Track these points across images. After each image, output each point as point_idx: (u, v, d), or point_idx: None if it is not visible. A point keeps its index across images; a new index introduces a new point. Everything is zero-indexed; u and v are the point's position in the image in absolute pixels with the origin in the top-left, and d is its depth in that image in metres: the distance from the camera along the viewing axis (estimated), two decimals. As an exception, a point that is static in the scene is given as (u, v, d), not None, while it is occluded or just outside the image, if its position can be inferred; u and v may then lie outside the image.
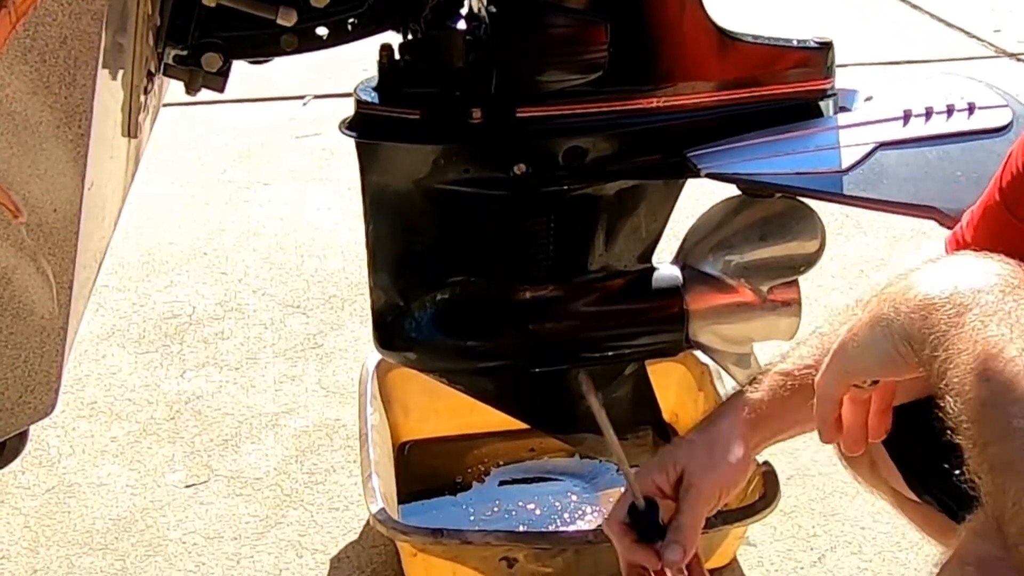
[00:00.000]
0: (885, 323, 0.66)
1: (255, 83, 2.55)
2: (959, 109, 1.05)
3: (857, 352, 0.69)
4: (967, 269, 0.64)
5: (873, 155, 1.03)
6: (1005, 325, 0.59)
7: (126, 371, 1.72)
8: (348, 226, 2.13)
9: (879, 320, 0.67)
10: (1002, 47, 3.18)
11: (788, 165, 1.03)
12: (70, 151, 0.78)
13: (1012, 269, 0.64)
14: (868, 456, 0.99)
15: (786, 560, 1.36)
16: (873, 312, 0.68)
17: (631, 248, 1.13)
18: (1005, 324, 0.59)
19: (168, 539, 1.39)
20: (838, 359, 0.72)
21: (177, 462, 1.53)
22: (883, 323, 0.66)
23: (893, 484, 0.98)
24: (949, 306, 0.62)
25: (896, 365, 0.67)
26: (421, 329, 1.12)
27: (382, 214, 1.11)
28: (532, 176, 1.04)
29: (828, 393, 0.74)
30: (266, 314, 1.88)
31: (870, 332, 0.68)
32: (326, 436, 1.58)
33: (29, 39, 0.73)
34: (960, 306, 0.61)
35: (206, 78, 0.97)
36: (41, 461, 1.52)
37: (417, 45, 1.04)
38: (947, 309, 0.62)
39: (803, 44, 1.07)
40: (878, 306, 0.68)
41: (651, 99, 1.03)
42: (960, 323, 0.61)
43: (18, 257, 0.80)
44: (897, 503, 1.02)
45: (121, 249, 2.02)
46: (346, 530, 1.41)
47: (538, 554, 1.24)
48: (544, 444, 1.49)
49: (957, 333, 0.60)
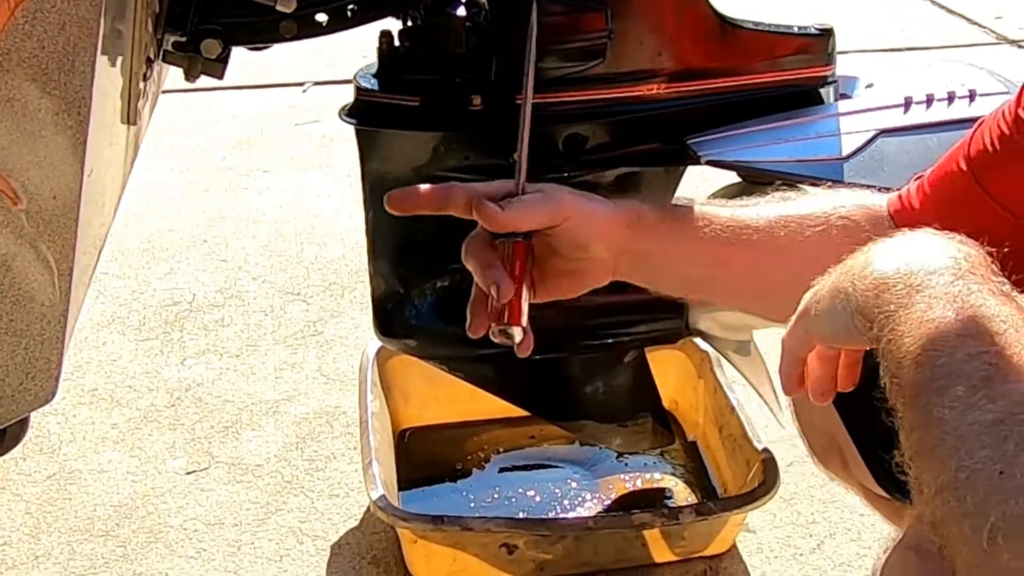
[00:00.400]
0: (844, 296, 0.66)
1: (254, 70, 2.55)
2: (960, 96, 1.05)
3: (818, 319, 0.69)
4: (924, 249, 0.64)
5: (874, 142, 1.03)
6: (950, 310, 0.58)
7: (126, 358, 1.72)
8: (348, 213, 2.13)
9: (838, 292, 0.67)
10: (1003, 34, 3.17)
11: (788, 152, 1.03)
12: (69, 138, 0.78)
13: (968, 251, 0.63)
14: (839, 454, 0.99)
15: (785, 546, 1.37)
16: (835, 283, 0.68)
17: (631, 235, 1.13)
18: (950, 309, 0.59)
19: (169, 525, 1.39)
20: (800, 321, 0.72)
21: (178, 449, 1.53)
22: (842, 296, 0.66)
23: (863, 481, 0.98)
24: (900, 286, 0.62)
25: (852, 338, 0.67)
26: (421, 316, 1.12)
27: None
28: (532, 163, 1.04)
29: (793, 350, 0.74)
30: (266, 301, 1.88)
31: (830, 302, 0.68)
32: (326, 423, 1.58)
33: (28, 25, 0.72)
34: (910, 287, 0.61)
35: (205, 65, 0.97)
36: (42, 448, 1.52)
37: (417, 32, 1.04)
38: (898, 288, 0.62)
39: (804, 31, 1.07)
40: (839, 278, 0.68)
41: (651, 86, 1.03)
42: (908, 304, 0.60)
43: (18, 244, 0.80)
44: (868, 499, 1.02)
45: (121, 236, 2.02)
46: (346, 517, 1.41)
47: (538, 540, 1.24)
48: (544, 431, 1.49)
49: (904, 314, 0.60)
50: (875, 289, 0.63)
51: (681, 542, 1.29)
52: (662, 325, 1.15)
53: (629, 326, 1.16)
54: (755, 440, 1.31)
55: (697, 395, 1.49)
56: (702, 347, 1.46)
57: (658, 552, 1.30)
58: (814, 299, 0.70)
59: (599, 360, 1.20)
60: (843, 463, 0.99)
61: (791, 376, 0.75)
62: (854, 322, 0.65)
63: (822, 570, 1.33)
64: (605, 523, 1.28)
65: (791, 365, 0.75)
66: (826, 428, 0.98)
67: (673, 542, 1.29)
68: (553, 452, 1.49)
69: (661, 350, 1.35)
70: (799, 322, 0.72)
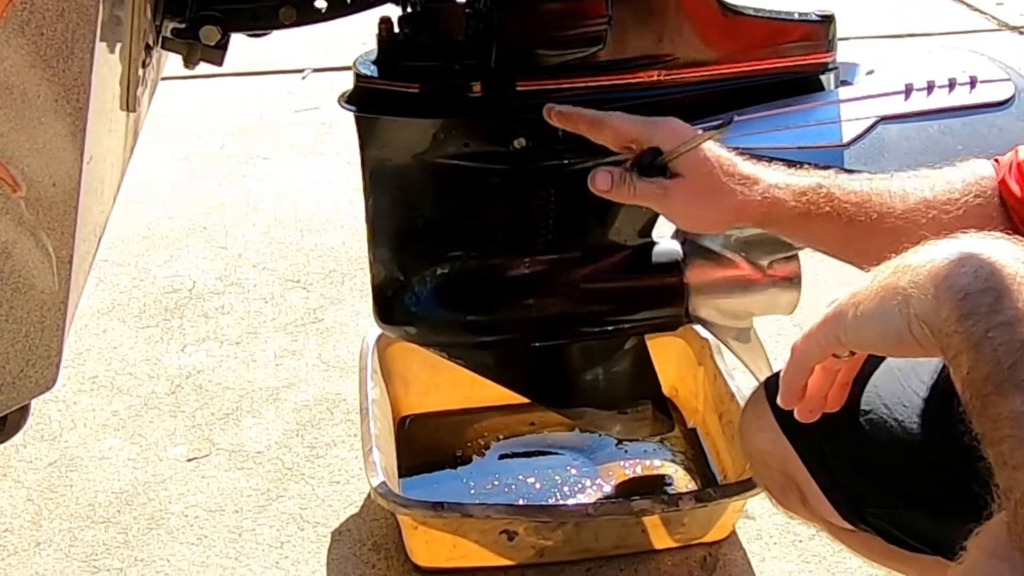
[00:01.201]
0: (901, 298, 0.62)
1: (254, 57, 2.54)
2: (961, 83, 1.05)
3: (858, 322, 0.65)
4: (998, 250, 0.60)
5: (874, 129, 1.03)
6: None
7: (127, 346, 1.73)
8: (348, 200, 2.13)
9: (894, 293, 0.62)
10: (1004, 20, 3.16)
11: (789, 139, 1.02)
12: (68, 125, 0.78)
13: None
14: (798, 493, 0.96)
15: (784, 533, 1.37)
16: (887, 283, 0.63)
17: (631, 222, 1.13)
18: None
19: (170, 512, 1.40)
20: (831, 324, 0.67)
21: (178, 436, 1.53)
22: (898, 297, 0.62)
23: (826, 516, 0.95)
24: (984, 296, 0.58)
25: (902, 344, 0.62)
26: (421, 303, 1.12)
27: (382, 188, 1.11)
28: (532, 150, 1.03)
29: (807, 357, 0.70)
30: (266, 289, 1.88)
31: (879, 304, 0.63)
32: (327, 410, 1.59)
33: (26, 12, 0.72)
34: (993, 291, 0.57)
35: (204, 51, 0.97)
36: (43, 435, 1.53)
37: (417, 18, 1.04)
38: (983, 298, 0.58)
39: (804, 17, 1.06)
40: (894, 277, 0.63)
41: (652, 73, 1.03)
42: (999, 308, 0.57)
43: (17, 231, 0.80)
44: (833, 534, 0.99)
45: (121, 224, 2.02)
46: (347, 503, 1.41)
47: (538, 527, 1.24)
48: (544, 418, 1.50)
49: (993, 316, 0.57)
50: (950, 296, 0.59)
51: (681, 529, 1.30)
52: (662, 312, 1.15)
53: (629, 313, 1.16)
54: (755, 427, 1.31)
55: (697, 382, 1.49)
56: (702, 334, 1.46)
57: (658, 538, 1.30)
58: (852, 301, 0.66)
59: (599, 347, 1.20)
60: (802, 500, 0.96)
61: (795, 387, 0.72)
62: (911, 328, 0.61)
63: (821, 556, 1.34)
64: (605, 510, 1.28)
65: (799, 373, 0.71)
66: (781, 468, 0.95)
67: (673, 529, 1.30)
68: (553, 439, 1.50)
69: (661, 337, 1.36)
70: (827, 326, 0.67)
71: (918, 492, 0.86)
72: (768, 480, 0.99)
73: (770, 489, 1.00)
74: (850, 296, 0.66)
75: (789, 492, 0.97)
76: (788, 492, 0.97)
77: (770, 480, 0.99)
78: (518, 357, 1.18)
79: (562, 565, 1.29)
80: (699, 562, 1.31)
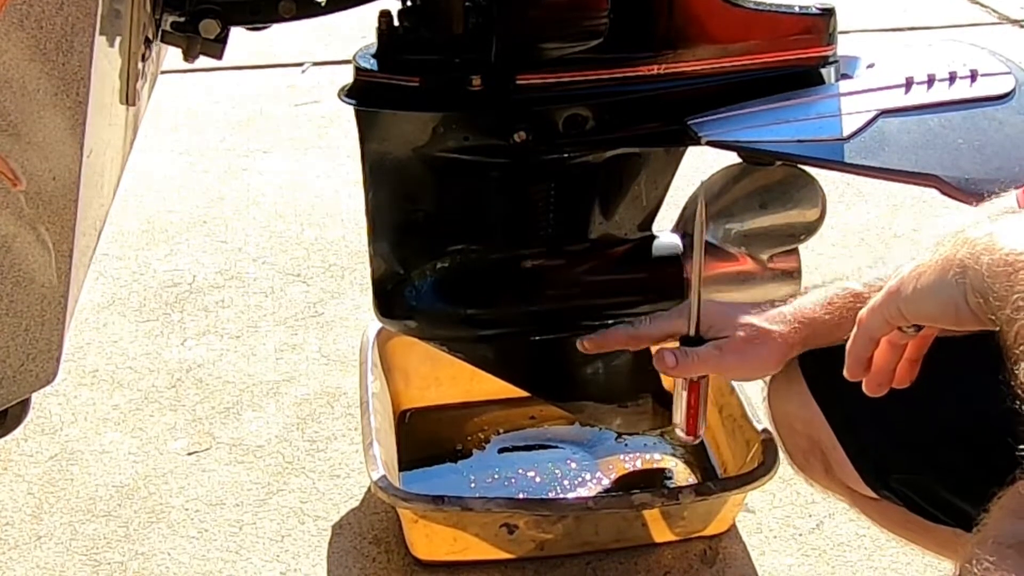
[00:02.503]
0: (960, 270, 0.61)
1: (253, 50, 2.54)
2: (961, 76, 1.05)
3: (918, 295, 0.65)
4: None
5: (875, 123, 1.02)
6: None
7: (127, 339, 1.73)
8: (348, 194, 2.13)
9: (953, 265, 0.62)
10: (1005, 13, 3.16)
11: (789, 133, 1.02)
12: (68, 118, 0.78)
13: None
14: (822, 459, 0.97)
15: (785, 527, 1.37)
16: (947, 256, 0.63)
17: (631, 216, 1.13)
18: None
19: (171, 506, 1.40)
20: (893, 298, 0.68)
21: (179, 430, 1.53)
22: (957, 270, 0.62)
23: (849, 483, 0.96)
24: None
25: (960, 316, 0.62)
26: (421, 297, 1.12)
27: (382, 182, 1.11)
28: (532, 144, 1.03)
29: (871, 330, 0.71)
30: (266, 282, 1.88)
31: (939, 276, 0.63)
32: (327, 404, 1.59)
33: (26, 5, 0.72)
34: None
35: (204, 45, 0.97)
36: (43, 429, 1.53)
37: (416, 11, 1.03)
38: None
39: (805, 11, 1.06)
40: (953, 250, 0.63)
41: (652, 66, 1.03)
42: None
43: (17, 225, 0.80)
44: (854, 502, 1.00)
45: (121, 217, 2.02)
46: (347, 497, 1.42)
47: (538, 520, 1.24)
48: (544, 412, 1.50)
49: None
50: (1007, 267, 0.58)
51: (681, 522, 1.30)
52: (663, 306, 1.15)
53: (630, 307, 1.16)
54: (755, 421, 1.31)
55: (697, 376, 1.49)
56: (702, 328, 1.46)
57: (658, 532, 1.31)
58: (914, 274, 0.66)
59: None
60: (825, 468, 0.97)
61: (861, 358, 0.73)
62: (968, 299, 0.61)
63: (821, 550, 1.34)
64: (605, 503, 1.28)
65: (864, 346, 0.72)
66: (808, 432, 0.96)
67: (673, 522, 1.30)
68: (553, 433, 1.50)
69: (661, 331, 1.36)
70: (889, 299, 0.68)
71: (946, 461, 0.86)
72: (792, 445, 1.01)
73: (793, 454, 1.02)
74: (913, 269, 0.67)
75: (812, 458, 0.98)
76: (811, 458, 0.99)
77: (794, 445, 1.01)
78: (518, 351, 1.18)
79: (562, 558, 1.29)
80: (699, 555, 1.31)
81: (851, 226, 2.04)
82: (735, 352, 0.94)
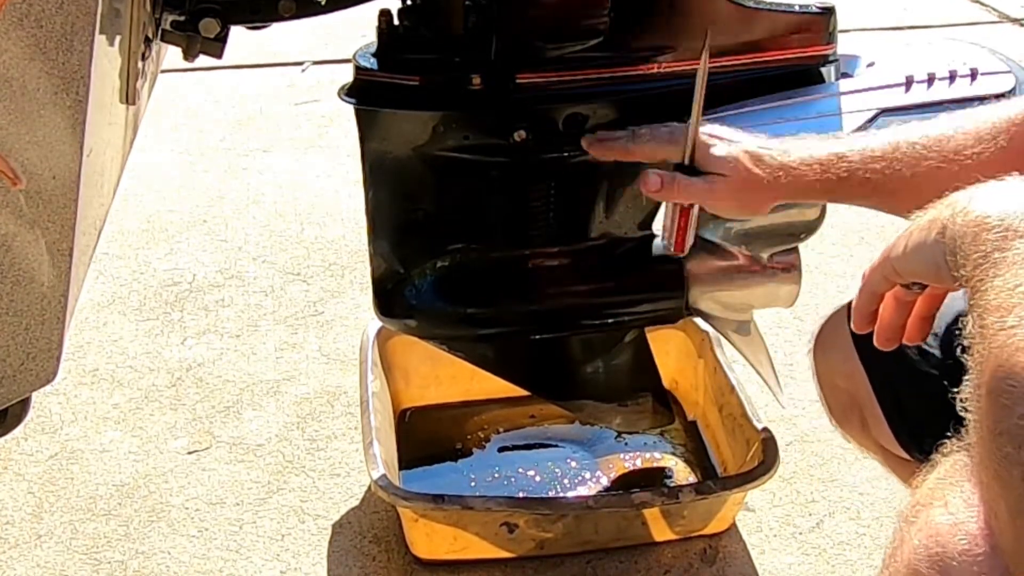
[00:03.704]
0: (940, 229, 0.65)
1: (254, 49, 2.54)
2: (962, 75, 1.05)
3: (907, 253, 0.68)
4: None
5: (875, 121, 1.03)
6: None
7: (127, 338, 1.73)
8: (348, 193, 2.13)
9: (936, 223, 0.65)
10: (1005, 12, 3.16)
11: (790, 131, 1.02)
12: (68, 118, 0.78)
13: None
14: (859, 416, 0.99)
15: (785, 525, 1.37)
16: (934, 216, 0.66)
17: (631, 215, 1.13)
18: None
19: (171, 505, 1.40)
20: (886, 256, 0.71)
21: (179, 429, 1.53)
22: (938, 228, 0.65)
23: (883, 443, 0.98)
24: (1000, 228, 0.60)
25: (941, 275, 0.65)
26: (421, 296, 1.12)
27: (382, 181, 1.11)
28: (532, 143, 1.03)
29: (872, 285, 0.73)
30: (266, 281, 1.88)
31: (924, 236, 0.66)
32: (327, 403, 1.59)
33: (26, 4, 0.72)
34: (1010, 230, 0.59)
35: (204, 44, 0.97)
36: (44, 428, 1.53)
37: (416, 10, 1.03)
38: (998, 231, 0.60)
39: (805, 9, 1.06)
40: (939, 210, 0.66)
41: (652, 65, 1.03)
42: (1005, 247, 0.59)
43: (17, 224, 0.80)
44: (886, 461, 1.03)
45: (121, 216, 2.02)
46: (347, 496, 1.42)
47: (538, 519, 1.25)
48: (544, 411, 1.50)
49: (1000, 258, 0.59)
50: (974, 227, 0.61)
51: (681, 521, 1.30)
52: (662, 305, 1.15)
53: (629, 306, 1.16)
54: (755, 420, 1.31)
55: (697, 375, 1.49)
56: (702, 327, 1.46)
57: (658, 531, 1.31)
58: (906, 232, 0.69)
59: (599, 340, 1.20)
60: (862, 424, 0.99)
61: (864, 312, 0.75)
62: (945, 258, 0.64)
63: (821, 548, 1.34)
64: (605, 502, 1.29)
65: (867, 301, 0.74)
66: (848, 388, 0.98)
67: (673, 521, 1.30)
68: (553, 431, 1.50)
69: (661, 330, 1.36)
70: (886, 259, 0.71)
71: None
72: (832, 399, 1.03)
73: (832, 408, 1.03)
74: (906, 229, 0.70)
75: (851, 414, 1.00)
76: (850, 414, 1.00)
77: (834, 399, 1.02)
78: (518, 350, 1.18)
79: (562, 557, 1.29)
80: (699, 554, 1.32)
81: (851, 225, 2.04)
82: (727, 192, 0.94)
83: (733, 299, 1.15)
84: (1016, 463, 0.52)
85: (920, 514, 0.58)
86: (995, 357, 0.55)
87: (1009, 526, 0.52)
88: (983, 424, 0.55)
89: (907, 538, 0.57)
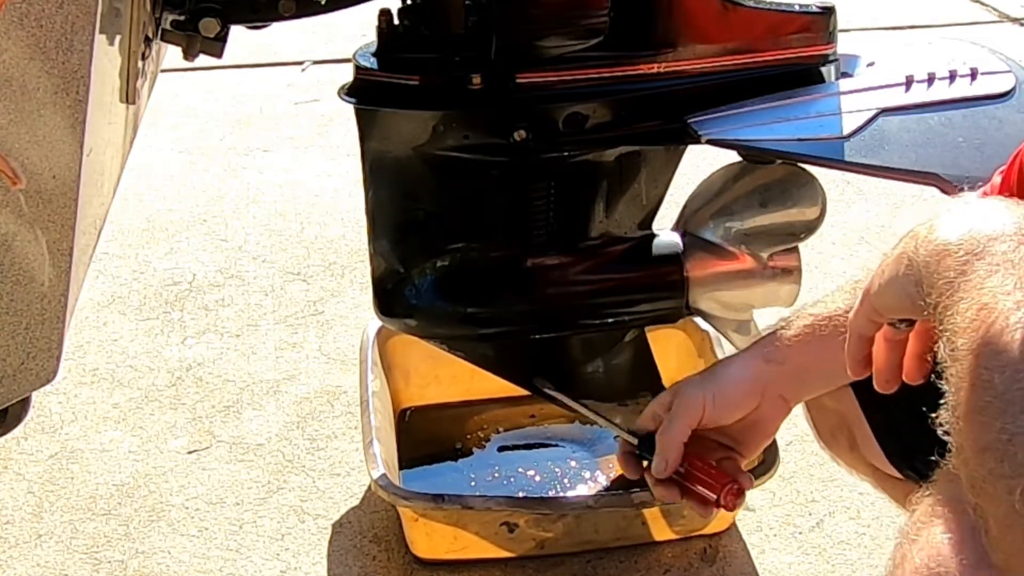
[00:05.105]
0: (907, 261, 0.65)
1: (253, 49, 2.54)
2: (962, 75, 1.05)
3: (882, 290, 0.68)
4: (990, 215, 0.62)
5: (875, 121, 1.02)
6: (1009, 276, 0.57)
7: (127, 338, 1.73)
8: (348, 193, 2.13)
9: (902, 257, 0.66)
10: (1005, 12, 3.16)
11: (789, 131, 1.02)
12: (68, 117, 0.78)
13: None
14: (848, 436, 0.98)
15: (785, 525, 1.37)
16: (900, 250, 0.67)
17: (631, 215, 1.13)
18: (1009, 275, 0.57)
19: (171, 504, 1.40)
20: (867, 298, 0.71)
21: (179, 428, 1.53)
22: (905, 261, 0.65)
23: (873, 461, 0.97)
24: (961, 252, 0.60)
25: (914, 306, 0.65)
26: (421, 296, 1.12)
27: (382, 181, 1.11)
28: (532, 142, 1.03)
29: (857, 330, 0.73)
30: (266, 281, 1.88)
31: (894, 270, 0.67)
32: (327, 402, 1.59)
33: (26, 4, 0.72)
34: (971, 253, 0.60)
35: (204, 43, 0.97)
36: (43, 427, 1.53)
37: (416, 10, 1.04)
38: (959, 255, 0.60)
39: (805, 9, 1.06)
40: (904, 244, 0.66)
41: (652, 65, 1.03)
42: (967, 271, 0.59)
43: (17, 224, 0.80)
44: (877, 480, 1.01)
45: (120, 216, 2.02)
46: (348, 495, 1.42)
47: (538, 519, 1.25)
48: (544, 410, 1.50)
49: (963, 281, 0.59)
50: (936, 255, 0.62)
51: (681, 520, 1.30)
52: (662, 304, 1.15)
53: (629, 305, 1.16)
54: (755, 419, 1.31)
55: (697, 374, 1.49)
56: (703, 327, 1.46)
57: (658, 530, 1.31)
58: (879, 270, 0.69)
59: (599, 339, 1.20)
60: (851, 444, 0.98)
61: (856, 358, 0.74)
62: (915, 289, 0.64)
63: (821, 548, 1.34)
64: (605, 502, 1.28)
65: (857, 346, 0.74)
66: (837, 407, 0.97)
67: (673, 520, 1.30)
68: (553, 431, 1.50)
69: (662, 329, 1.35)
70: (865, 299, 0.71)
71: None
72: (820, 420, 1.02)
73: (819, 429, 1.03)
74: (879, 265, 0.70)
75: (839, 434, 1.00)
76: (838, 434, 1.00)
77: (822, 420, 1.02)
78: (518, 350, 1.18)
79: (562, 557, 1.29)
80: (699, 554, 1.32)
81: (851, 224, 2.04)
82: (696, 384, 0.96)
83: (733, 299, 1.15)
84: (1001, 477, 0.52)
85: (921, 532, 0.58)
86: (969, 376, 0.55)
87: (1000, 542, 0.53)
88: (965, 444, 0.56)
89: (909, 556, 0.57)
